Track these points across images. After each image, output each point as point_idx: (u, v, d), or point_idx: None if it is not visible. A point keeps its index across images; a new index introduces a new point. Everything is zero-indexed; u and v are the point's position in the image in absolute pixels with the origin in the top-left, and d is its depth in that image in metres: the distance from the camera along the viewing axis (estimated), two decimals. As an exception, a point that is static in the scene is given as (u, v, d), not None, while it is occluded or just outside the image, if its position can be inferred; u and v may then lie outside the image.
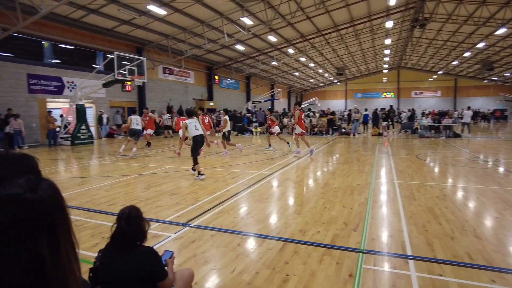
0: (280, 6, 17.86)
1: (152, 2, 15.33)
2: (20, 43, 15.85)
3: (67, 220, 0.88)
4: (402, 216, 4.71)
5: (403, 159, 10.52)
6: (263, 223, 4.54)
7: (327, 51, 30.93)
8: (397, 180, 7.18)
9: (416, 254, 3.46)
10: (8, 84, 14.97)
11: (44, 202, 0.83)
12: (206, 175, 7.74)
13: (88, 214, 5.01)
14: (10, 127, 14.15)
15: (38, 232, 0.80)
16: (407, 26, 26.86)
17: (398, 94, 50.42)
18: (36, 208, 0.81)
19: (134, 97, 22.48)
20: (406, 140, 17.56)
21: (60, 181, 7.77)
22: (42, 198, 0.83)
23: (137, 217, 2.26)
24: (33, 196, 0.82)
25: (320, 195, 6.01)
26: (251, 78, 37.66)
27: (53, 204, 0.86)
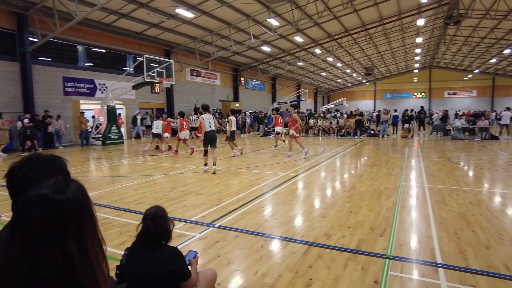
0: (307, 6, 17.72)
1: (180, 5, 15.66)
2: (57, 48, 16.69)
3: (93, 220, 0.93)
4: (432, 222, 4.52)
5: (434, 162, 10.12)
6: (287, 225, 4.51)
7: (355, 50, 30.33)
8: (427, 184, 6.92)
9: (447, 263, 3.31)
10: (46, 87, 15.80)
11: (71, 202, 0.87)
12: (230, 177, 7.81)
13: (117, 212, 5.18)
14: (52, 126, 15.22)
15: (66, 231, 0.85)
16: (440, 24, 25.82)
17: (430, 95, 48.54)
18: (64, 208, 0.86)
19: (162, 99, 23.06)
20: (438, 143, 16.89)
21: (91, 180, 8.10)
22: (69, 199, 0.88)
23: (162, 217, 2.30)
24: (60, 197, 0.86)
25: (346, 198, 5.89)
26: (277, 79, 37.60)
27: (80, 204, 0.90)
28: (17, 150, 13.94)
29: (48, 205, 0.85)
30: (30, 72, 14.73)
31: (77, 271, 0.85)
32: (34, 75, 15.01)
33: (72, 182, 0.94)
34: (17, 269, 0.82)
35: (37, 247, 0.82)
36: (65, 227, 0.85)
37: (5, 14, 14.16)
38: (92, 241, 0.90)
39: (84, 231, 0.88)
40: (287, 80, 39.55)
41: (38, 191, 0.87)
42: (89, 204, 0.94)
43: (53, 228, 0.84)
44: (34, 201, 0.86)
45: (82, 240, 0.87)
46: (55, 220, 0.84)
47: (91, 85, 17.98)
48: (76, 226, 0.86)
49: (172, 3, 15.58)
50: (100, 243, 0.94)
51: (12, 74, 14.42)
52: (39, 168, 1.28)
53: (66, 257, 0.84)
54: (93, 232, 0.91)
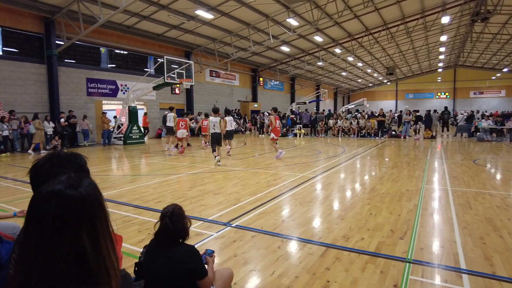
0: (327, 5, 17.53)
1: (200, 7, 15.83)
2: (81, 50, 17.24)
3: (105, 215, 0.94)
4: (456, 226, 4.36)
5: (458, 164, 9.78)
6: (305, 227, 4.46)
7: (376, 50, 29.77)
8: (451, 187, 6.69)
9: (472, 269, 3.18)
10: (70, 88, 16.34)
11: (84, 198, 0.89)
12: (247, 176, 7.83)
13: (137, 210, 5.28)
14: (79, 126, 16.03)
15: (79, 227, 0.86)
16: (466, 21, 24.96)
17: (454, 95, 46.99)
18: (76, 203, 0.87)
19: (182, 100, 23.37)
20: (462, 144, 16.32)
21: (112, 178, 8.29)
22: (82, 194, 0.89)
23: (180, 216, 2.33)
24: (73, 193, 0.88)
25: (366, 200, 5.77)
26: (295, 79, 37.40)
27: (92, 200, 0.91)
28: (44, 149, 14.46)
29: (60, 200, 0.86)
30: (56, 74, 15.27)
31: (90, 265, 0.87)
32: (59, 76, 15.55)
33: (84, 179, 0.95)
34: (30, 266, 0.83)
35: (50, 242, 0.83)
36: (78, 223, 0.86)
37: (34, 19, 14.74)
38: (104, 236, 0.91)
39: (97, 226, 0.89)
40: (306, 80, 39.26)
41: (51, 187, 0.88)
42: (101, 199, 0.95)
43: (66, 224, 0.85)
44: (47, 196, 0.87)
45: (95, 235, 0.88)
46: (67, 215, 0.85)
47: (113, 86, 18.45)
48: (89, 221, 0.88)
49: (192, 5, 15.77)
50: (112, 238, 0.95)
51: (39, 76, 14.99)
52: (60, 165, 1.32)
53: (79, 252, 0.85)
54: (105, 227, 0.93)
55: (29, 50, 15.04)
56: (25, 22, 14.51)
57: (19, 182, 7.58)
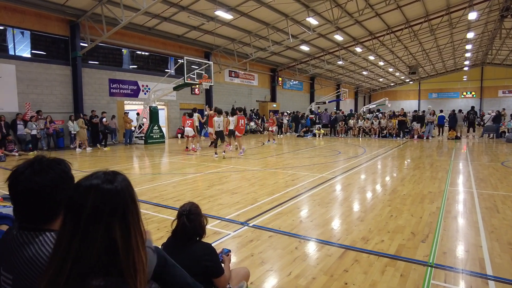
0: (347, 4, 17.27)
1: (220, 7, 15.93)
2: (103, 52, 17.70)
3: (137, 210, 1.00)
4: (482, 230, 4.19)
5: (485, 166, 9.40)
6: (323, 228, 4.40)
7: (398, 48, 29.06)
8: (477, 189, 6.43)
9: (499, 275, 3.04)
10: (94, 88, 16.81)
11: (118, 192, 0.96)
12: (265, 176, 7.82)
13: (156, 208, 5.36)
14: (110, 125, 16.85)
15: (112, 218, 0.93)
16: (495, 17, 23.97)
17: (481, 94, 45.22)
18: (112, 197, 0.95)
19: (202, 100, 23.61)
20: (489, 145, 15.69)
21: (133, 176, 8.47)
22: (117, 189, 0.96)
23: (197, 214, 2.35)
24: (110, 187, 0.95)
25: (386, 202, 5.64)
26: (315, 79, 37.04)
27: (126, 195, 0.98)
28: (68, 148, 14.96)
29: (98, 194, 0.94)
30: (80, 75, 15.75)
31: (119, 256, 0.93)
32: (83, 77, 16.03)
33: (119, 174, 1.02)
34: (67, 250, 0.91)
35: (85, 230, 0.91)
36: (112, 214, 0.93)
37: (60, 22, 15.27)
38: (135, 230, 0.97)
39: (128, 219, 0.96)
40: (326, 79, 38.82)
41: (89, 181, 0.96)
42: (134, 195, 1.01)
43: (101, 215, 0.92)
44: (86, 190, 0.95)
45: (126, 228, 0.95)
46: (103, 208, 0.93)
47: (135, 86, 18.85)
48: (121, 214, 0.95)
49: (211, 6, 15.90)
50: (142, 233, 1.00)
51: (64, 77, 15.51)
52: (43, 171, 1.24)
53: (111, 241, 0.92)
54: (136, 221, 0.99)
55: (56, 52, 15.59)
56: (51, 25, 15.04)
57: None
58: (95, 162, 10.83)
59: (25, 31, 14.47)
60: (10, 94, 13.75)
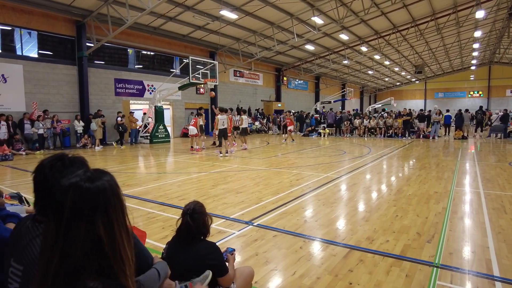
0: (353, 3, 17.19)
1: (225, 7, 15.95)
2: (109, 52, 17.82)
3: (122, 208, 1.02)
4: (489, 231, 4.14)
5: (492, 166, 9.31)
6: (328, 227, 4.39)
7: (404, 48, 28.86)
8: (483, 190, 6.37)
9: (507, 277, 3.01)
10: (99, 88, 16.93)
11: (99, 190, 0.98)
12: (270, 176, 7.82)
13: (161, 207, 5.38)
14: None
15: (93, 215, 0.95)
16: (503, 15, 23.70)
17: (489, 93, 44.73)
18: (92, 194, 0.96)
19: (206, 100, 23.65)
20: (497, 145, 15.53)
21: (139, 176, 8.51)
22: (97, 186, 0.98)
23: (201, 213, 2.35)
24: (88, 185, 0.97)
25: (391, 202, 5.60)
26: (320, 78, 36.93)
27: (108, 192, 0.99)
28: (75, 147, 15.09)
29: (76, 191, 0.96)
30: (86, 75, 15.87)
31: (105, 251, 0.95)
32: (89, 77, 16.15)
33: (104, 174, 1.04)
34: (52, 249, 0.93)
35: (69, 228, 0.93)
36: (93, 211, 0.95)
37: (67, 22, 15.40)
38: (119, 226, 0.99)
39: (111, 216, 0.98)
40: (331, 79, 38.69)
41: (69, 180, 0.98)
42: (119, 193, 1.03)
43: (81, 212, 0.94)
44: (65, 188, 0.97)
45: (109, 223, 0.96)
46: (82, 204, 0.95)
47: (140, 86, 18.95)
48: (103, 210, 0.96)
49: (216, 5, 15.91)
50: (127, 230, 1.02)
51: (71, 77, 15.63)
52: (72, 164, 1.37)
53: (95, 238, 0.94)
54: (121, 218, 1.01)
55: (62, 52, 15.72)
56: (58, 25, 15.17)
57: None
58: (104, 161, 10.91)
59: (32, 31, 14.61)
60: (18, 94, 13.90)
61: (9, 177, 8.36)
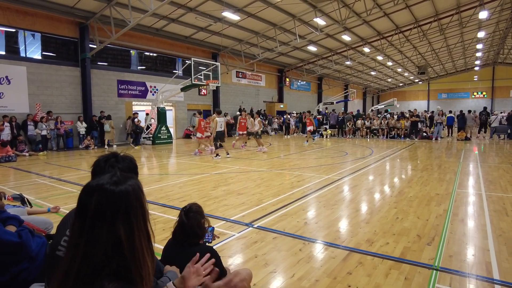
0: (355, 4, 17.17)
1: (227, 9, 15.99)
2: (112, 53, 17.91)
3: (143, 213, 1.05)
4: (490, 234, 4.13)
5: (495, 167, 9.26)
6: (328, 230, 4.39)
7: (407, 48, 28.78)
8: (485, 192, 6.34)
9: (506, 280, 2.99)
10: (102, 89, 17.01)
11: (123, 193, 1.01)
12: (271, 177, 7.82)
13: (162, 209, 5.40)
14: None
15: (115, 217, 0.98)
16: (507, 15, 23.59)
17: (492, 94, 44.47)
18: (116, 197, 0.99)
19: (209, 101, 23.71)
20: (500, 146, 15.45)
21: (141, 177, 8.48)
22: (121, 190, 1.01)
23: (196, 212, 2.36)
24: (114, 188, 1.00)
25: (392, 204, 5.59)
26: (323, 79, 36.90)
27: (132, 197, 1.02)
28: (77, 148, 15.16)
29: (102, 193, 0.99)
30: (89, 76, 15.96)
31: (125, 254, 0.97)
32: (92, 78, 16.24)
33: (130, 179, 1.07)
34: (76, 247, 0.97)
35: (91, 228, 0.96)
36: (115, 213, 0.98)
37: (70, 24, 15.50)
38: (139, 232, 1.01)
39: (132, 221, 1.00)
40: (333, 80, 38.64)
41: (95, 182, 1.02)
42: (142, 199, 1.06)
43: (104, 214, 0.97)
44: (91, 190, 1.01)
45: (129, 227, 0.99)
46: (106, 206, 0.98)
47: (143, 87, 19.02)
48: (125, 213, 0.99)
49: (219, 7, 15.95)
50: (148, 236, 1.05)
51: (74, 79, 15.72)
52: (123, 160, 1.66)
53: (116, 241, 0.97)
54: (142, 224, 1.03)
55: (65, 54, 15.82)
56: (61, 27, 15.27)
57: (55, 180, 7.98)
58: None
59: (36, 33, 14.72)
60: (21, 95, 14.00)
61: (12, 178, 8.42)
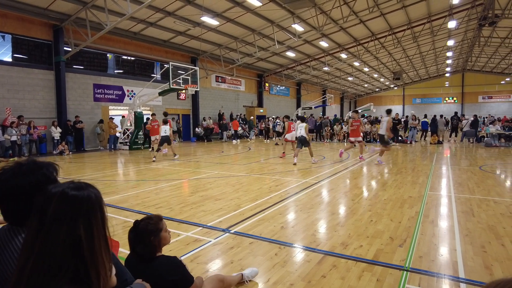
0: (332, 11, 17.57)
1: (206, 13, 15.99)
2: (88, 56, 17.49)
3: (103, 218, 1.10)
4: (457, 234, 4.30)
5: (464, 170, 9.66)
6: (304, 233, 4.44)
7: (383, 55, 29.68)
8: (455, 194, 6.60)
9: (470, 278, 3.13)
10: (78, 93, 16.58)
11: (84, 198, 1.06)
12: (249, 182, 7.85)
13: (137, 216, 5.29)
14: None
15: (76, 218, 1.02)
16: (473, 25, 24.79)
17: (462, 100, 46.48)
18: (76, 201, 1.04)
19: (188, 105, 23.54)
20: (469, 150, 16.12)
21: (116, 183, 8.36)
22: (83, 194, 1.06)
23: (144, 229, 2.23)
24: (75, 193, 1.05)
25: (367, 207, 5.73)
26: (301, 84, 37.42)
27: (93, 201, 1.07)
28: (51, 154, 14.68)
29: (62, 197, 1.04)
30: (64, 80, 15.52)
31: (84, 255, 1.00)
32: (67, 82, 15.81)
33: (90, 186, 1.12)
34: (31, 248, 0.98)
35: (49, 229, 0.99)
36: (75, 215, 1.02)
37: (43, 26, 15.05)
38: (99, 234, 1.06)
39: (92, 221, 1.04)
40: (312, 85, 39.25)
41: (57, 187, 1.06)
42: (102, 204, 1.11)
43: (64, 215, 1.01)
44: (52, 193, 1.04)
45: (89, 228, 1.03)
46: (66, 208, 1.02)
47: (120, 91, 18.67)
48: (85, 216, 1.03)
49: (197, 11, 15.93)
50: (106, 240, 1.09)
51: (47, 82, 15.25)
52: (24, 174, 1.31)
53: (75, 240, 0.99)
54: (101, 227, 1.08)
55: (38, 56, 15.33)
56: (34, 29, 14.81)
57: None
58: (82, 168, 10.66)
59: (6, 34, 14.19)
60: (-10, 99, 13.44)
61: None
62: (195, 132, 23.46)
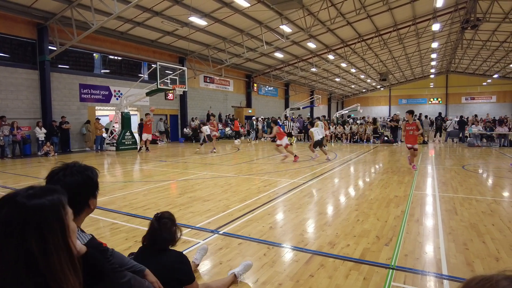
0: (320, 12, 17.73)
1: (194, 13, 15.92)
2: (74, 56, 17.22)
3: (62, 230, 0.98)
4: (441, 232, 4.42)
5: (448, 169, 9.89)
6: (292, 233, 4.49)
7: (369, 56, 30.09)
8: (439, 193, 6.76)
9: (453, 274, 3.23)
10: (63, 94, 16.29)
11: (35, 208, 0.94)
12: (238, 183, 7.87)
13: (125, 218, 5.26)
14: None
15: (25, 233, 0.92)
16: (456, 28, 25.38)
17: (446, 100, 47.54)
18: (25, 211, 0.93)
19: (176, 105, 23.39)
20: (453, 150, 16.50)
21: (103, 185, 8.25)
22: (34, 204, 0.95)
23: (169, 219, 2.43)
24: (25, 201, 0.95)
25: (354, 206, 5.82)
26: (290, 85, 37.62)
27: (48, 212, 0.96)
28: (35, 155, 14.38)
29: (11, 206, 0.94)
30: (49, 80, 15.22)
31: (41, 270, 0.91)
32: (52, 82, 15.51)
33: (51, 192, 1.00)
34: None
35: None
36: (23, 228, 0.92)
37: (27, 25, 14.73)
38: (56, 247, 0.95)
39: (47, 236, 0.94)
40: (300, 86, 39.50)
41: (9, 195, 0.97)
42: (60, 214, 0.99)
43: (12, 226, 0.91)
44: (2, 202, 0.96)
45: (44, 244, 0.93)
46: (14, 219, 0.92)
47: (107, 91, 18.43)
48: (35, 229, 0.93)
49: (185, 11, 15.86)
50: (70, 252, 0.98)
51: (31, 82, 14.94)
52: (73, 174, 1.58)
53: (28, 257, 0.91)
54: (60, 240, 0.97)
55: (22, 55, 15.01)
56: (17, 28, 14.49)
57: (9, 189, 7.51)
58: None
59: (-12, 33, 13.86)
60: (-29, 99, 13.09)
61: (-40, 189, 7.83)
62: (183, 132, 23.33)
